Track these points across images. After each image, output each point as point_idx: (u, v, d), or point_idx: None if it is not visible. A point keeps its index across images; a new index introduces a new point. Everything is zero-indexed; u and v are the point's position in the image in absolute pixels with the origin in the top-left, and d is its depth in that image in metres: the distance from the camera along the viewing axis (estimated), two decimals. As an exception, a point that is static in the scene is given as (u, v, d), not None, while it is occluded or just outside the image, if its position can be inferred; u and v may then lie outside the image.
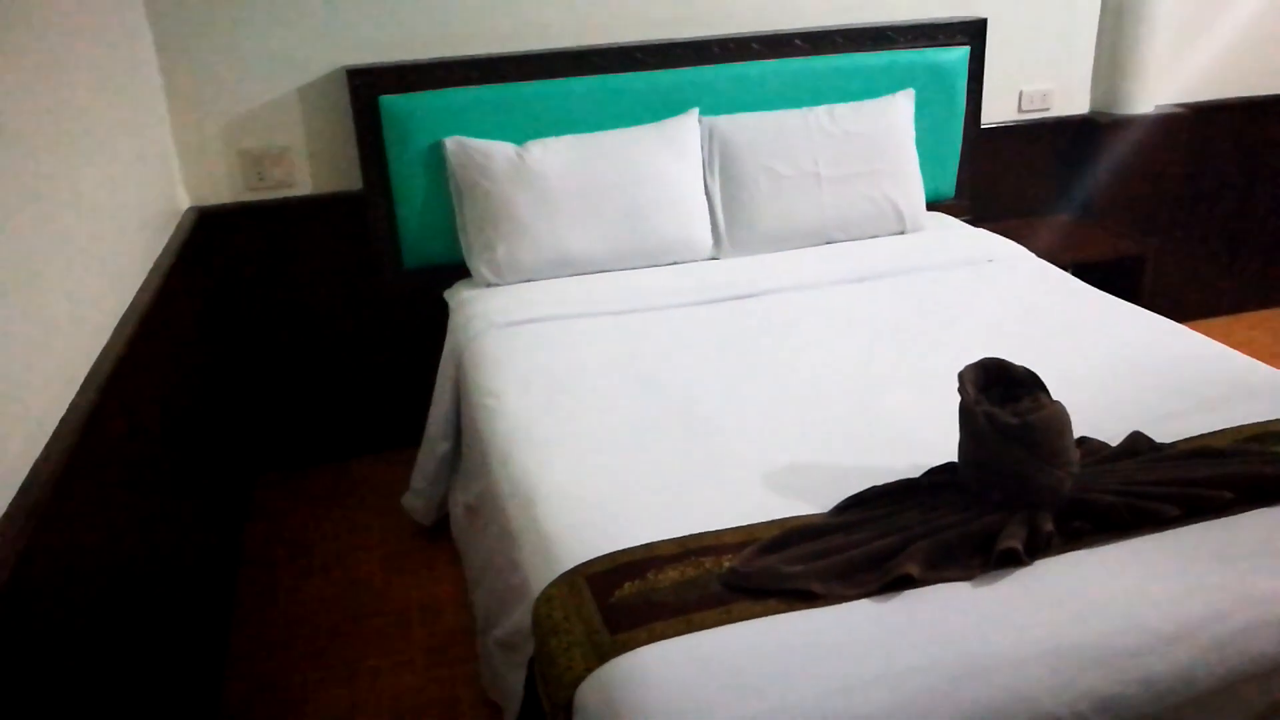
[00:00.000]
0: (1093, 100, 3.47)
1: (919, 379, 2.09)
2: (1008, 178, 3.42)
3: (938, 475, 1.70)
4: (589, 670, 1.36)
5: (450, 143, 2.73)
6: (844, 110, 2.91)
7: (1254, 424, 1.86)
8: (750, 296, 2.59)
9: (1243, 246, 3.80)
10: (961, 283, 2.61)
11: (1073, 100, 3.45)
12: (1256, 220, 3.77)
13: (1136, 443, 1.78)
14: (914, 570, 1.46)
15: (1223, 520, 1.59)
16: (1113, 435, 1.82)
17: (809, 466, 1.81)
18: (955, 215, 3.15)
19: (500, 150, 2.71)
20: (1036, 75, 3.37)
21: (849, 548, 1.53)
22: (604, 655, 1.37)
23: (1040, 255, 2.84)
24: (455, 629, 2.35)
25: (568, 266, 2.70)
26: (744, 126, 2.87)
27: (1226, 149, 3.62)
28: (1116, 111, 3.42)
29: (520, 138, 2.76)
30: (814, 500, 1.69)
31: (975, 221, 3.16)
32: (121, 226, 2.09)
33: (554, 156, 2.71)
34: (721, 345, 2.32)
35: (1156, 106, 3.45)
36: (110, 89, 2.16)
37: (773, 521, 1.63)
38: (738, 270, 2.74)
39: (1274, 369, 2.11)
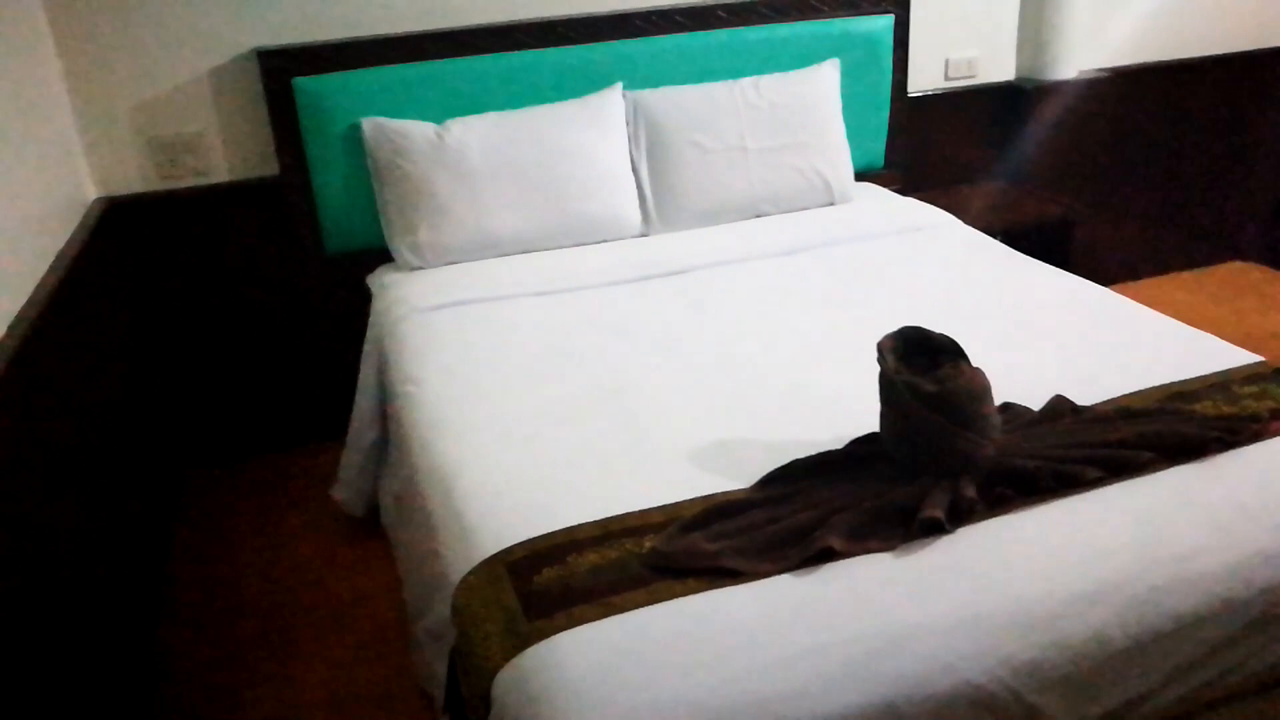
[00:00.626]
0: (1018, 67, 3.48)
1: (846, 350, 2.08)
2: (936, 146, 3.42)
3: (860, 446, 1.69)
4: (506, 659, 1.33)
5: (367, 124, 2.66)
6: (769, 82, 2.88)
7: (1174, 383, 1.88)
8: (679, 273, 2.56)
9: (1170, 208, 3.85)
10: (889, 253, 2.60)
11: (999, 67, 3.46)
12: (1183, 182, 3.81)
13: (1058, 406, 1.79)
14: (836, 543, 1.45)
15: (1142, 480, 1.60)
16: (1037, 399, 1.82)
17: (735, 442, 1.79)
18: (885, 185, 3.14)
19: (419, 130, 2.64)
20: (962, 42, 3.37)
21: (771, 523, 1.51)
22: (521, 643, 1.33)
23: (970, 223, 2.85)
24: (389, 620, 2.31)
25: (492, 247, 2.64)
26: (669, 100, 2.83)
27: (1151, 112, 3.65)
28: (1042, 77, 3.43)
29: (441, 117, 2.70)
30: (739, 476, 1.67)
31: (905, 191, 3.15)
32: (17, 219, 2.00)
33: (475, 135, 2.65)
34: (650, 323, 2.29)
35: (1080, 71, 3.47)
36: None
37: (696, 499, 1.60)
38: (666, 247, 2.70)
39: (1194, 329, 2.12)
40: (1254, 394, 1.81)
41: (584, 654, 1.30)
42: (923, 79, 3.32)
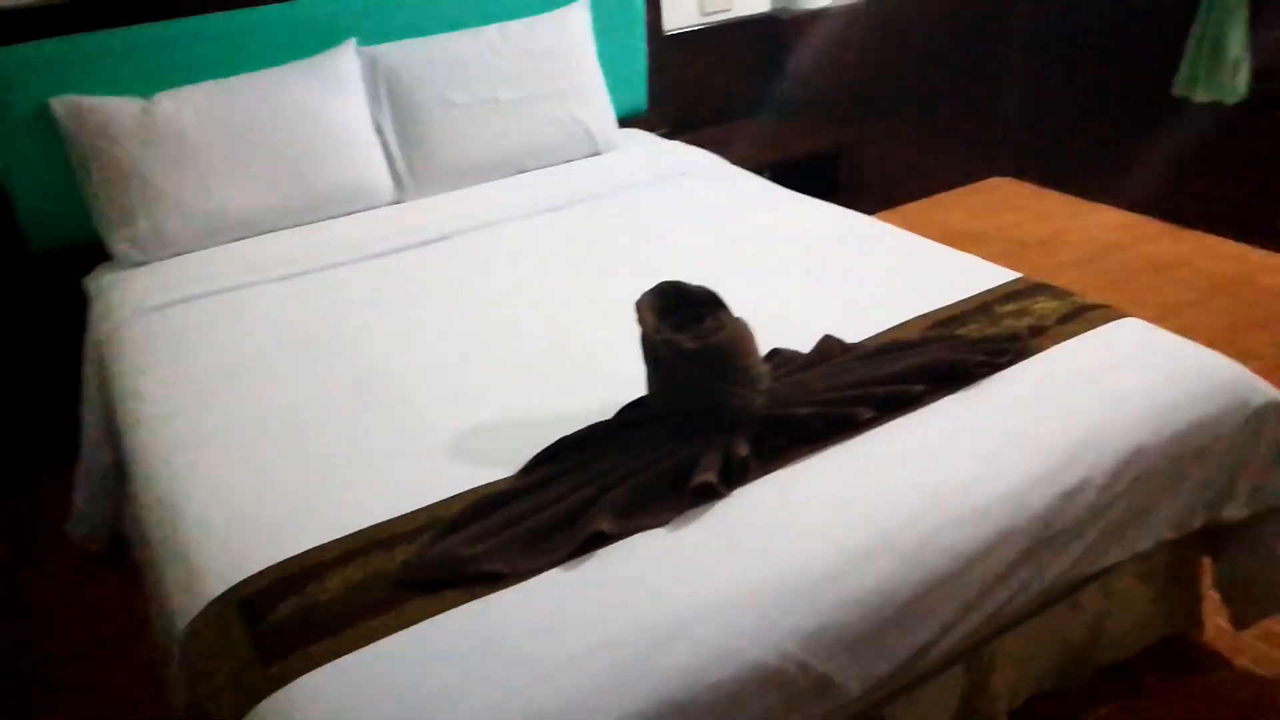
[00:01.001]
0: (773, -3, 3.44)
1: (615, 310, 1.94)
2: (700, 84, 3.34)
3: (630, 413, 1.58)
4: (238, 718, 1.15)
5: (58, 104, 2.31)
6: (516, 28, 2.71)
7: (939, 309, 1.86)
8: (438, 240, 2.37)
9: (932, 130, 3.93)
10: (656, 201, 2.50)
11: (754, -1, 3.40)
12: (941, 103, 3.89)
13: (828, 347, 1.73)
14: (605, 526, 1.33)
15: (915, 414, 1.56)
16: (807, 341, 1.76)
17: (500, 424, 1.64)
18: (651, 129, 3.04)
19: (122, 107, 2.32)
20: (715, -24, 3.29)
21: (537, 512, 1.38)
22: (255, 696, 1.16)
23: (739, 161, 2.78)
24: (143, 666, 2.05)
25: (224, 232, 2.37)
26: (409, 54, 2.61)
27: (907, 35, 3.69)
28: (797, 7, 3.39)
29: (148, 90, 2.38)
30: (504, 462, 1.53)
31: (672, 134, 3.06)
32: None
33: (190, 108, 2.35)
34: (407, 299, 2.11)
35: (835, -1, 3.47)
36: None
37: (457, 496, 1.45)
38: (423, 213, 2.50)
39: (956, 251, 2.13)
40: (1014, 312, 1.82)
41: (326, 699, 1.13)
42: (678, 16, 3.22)
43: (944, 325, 1.81)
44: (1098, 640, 1.70)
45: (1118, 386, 1.57)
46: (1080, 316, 1.78)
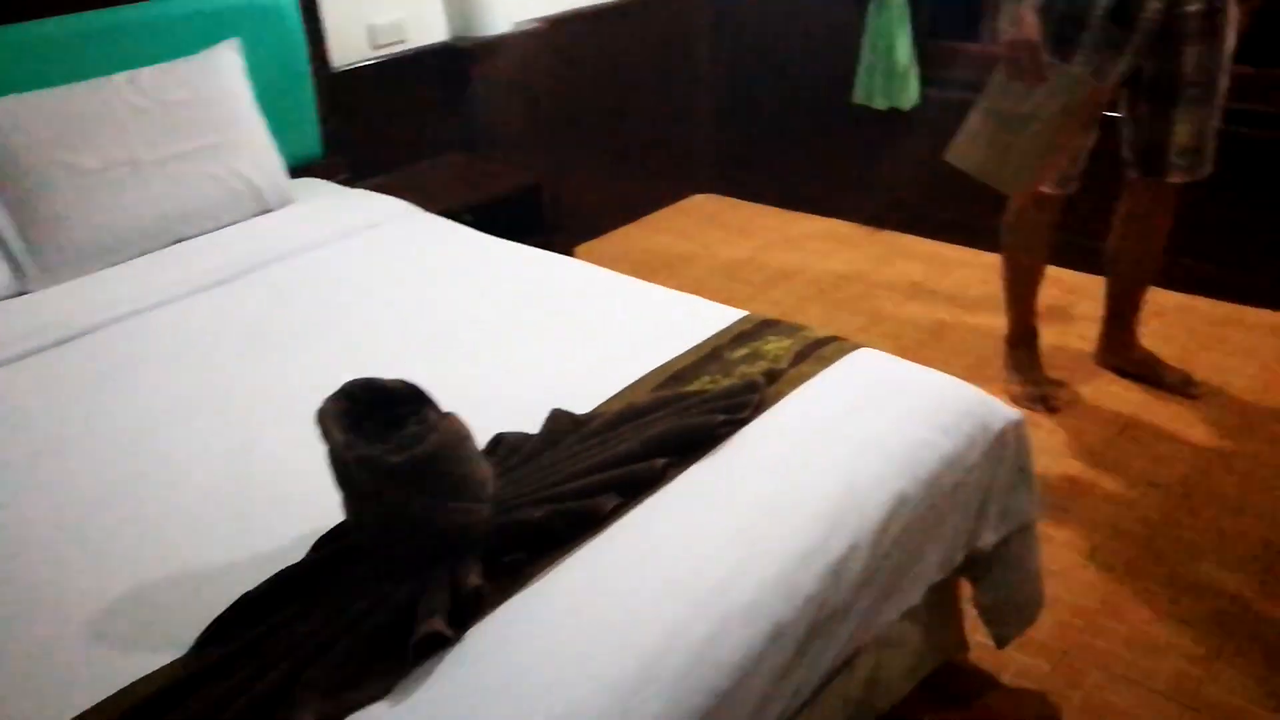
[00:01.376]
0: (450, 26, 3.20)
1: (304, 410, 1.63)
2: (381, 124, 3.04)
3: (329, 547, 1.29)
4: None
5: None
6: (150, 75, 2.30)
7: (670, 361, 1.70)
8: (75, 338, 1.95)
9: (630, 152, 3.84)
10: (342, 262, 2.19)
11: (429, 28, 3.14)
12: (637, 124, 3.82)
13: (557, 424, 1.52)
14: (308, 716, 1.04)
15: (663, 493, 1.38)
16: (533, 417, 1.54)
17: (162, 586, 1.30)
18: (330, 177, 2.71)
19: None
20: (383, 5, 3.00)
21: (218, 709, 1.07)
22: None
23: (433, 206, 2.53)
24: None
25: None
26: (12, 115, 2.14)
27: (595, 59, 3.58)
28: (476, 34, 3.18)
29: None
30: (171, 641, 1.19)
31: (354, 180, 2.75)
32: None
33: None
34: (31, 422, 1.69)
35: (515, 24, 3.28)
36: None
37: (107, 700, 1.11)
38: (53, 305, 2.06)
39: (677, 292, 1.98)
40: (746, 356, 1.69)
41: None
42: (347, 51, 2.91)
43: (677, 380, 1.65)
44: (875, 691, 1.59)
45: (867, 431, 1.47)
46: (814, 354, 1.68)
